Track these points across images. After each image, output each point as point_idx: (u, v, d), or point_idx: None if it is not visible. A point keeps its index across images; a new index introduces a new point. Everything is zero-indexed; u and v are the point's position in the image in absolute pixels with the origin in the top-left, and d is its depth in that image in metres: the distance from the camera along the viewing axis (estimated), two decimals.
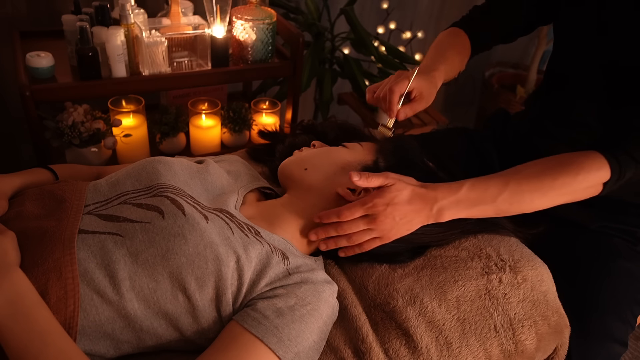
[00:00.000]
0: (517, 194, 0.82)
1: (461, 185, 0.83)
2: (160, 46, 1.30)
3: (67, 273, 0.64)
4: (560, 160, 0.83)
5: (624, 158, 0.81)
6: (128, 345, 0.68)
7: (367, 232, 0.80)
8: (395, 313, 0.79)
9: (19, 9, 1.51)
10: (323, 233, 0.81)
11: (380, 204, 0.78)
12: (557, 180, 0.81)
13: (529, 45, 2.64)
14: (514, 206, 0.83)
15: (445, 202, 0.82)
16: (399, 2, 2.17)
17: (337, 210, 0.80)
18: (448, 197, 0.82)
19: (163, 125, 1.47)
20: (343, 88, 2.22)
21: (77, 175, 0.92)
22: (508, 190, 0.82)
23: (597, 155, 0.81)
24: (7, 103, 1.63)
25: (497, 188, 0.82)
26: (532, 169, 0.84)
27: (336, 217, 0.79)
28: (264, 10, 1.44)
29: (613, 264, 0.94)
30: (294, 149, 0.99)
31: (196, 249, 0.68)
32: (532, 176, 0.83)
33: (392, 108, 0.88)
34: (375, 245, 0.82)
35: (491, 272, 0.85)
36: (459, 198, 0.82)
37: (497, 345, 0.80)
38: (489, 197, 0.82)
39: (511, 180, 0.82)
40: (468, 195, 0.82)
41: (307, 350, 0.68)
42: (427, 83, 0.91)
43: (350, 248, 0.82)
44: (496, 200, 0.82)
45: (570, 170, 0.81)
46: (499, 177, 0.84)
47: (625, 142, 0.82)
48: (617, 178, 0.81)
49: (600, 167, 0.80)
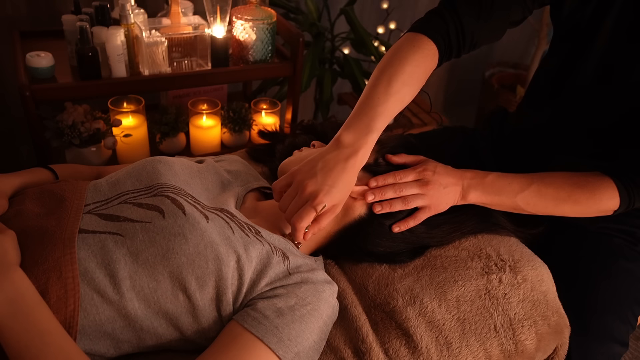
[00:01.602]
0: (536, 197, 0.87)
1: (488, 173, 0.89)
2: (160, 46, 1.30)
3: (67, 272, 0.64)
4: (578, 181, 0.87)
5: (634, 189, 0.85)
6: (128, 345, 0.68)
7: (420, 197, 0.84)
8: (395, 313, 0.79)
9: (19, 9, 1.51)
10: (380, 194, 0.82)
11: (429, 169, 0.86)
12: (572, 197, 0.86)
13: (529, 45, 2.65)
14: (529, 207, 0.88)
15: (472, 183, 0.88)
16: (399, 2, 2.18)
17: (391, 173, 0.84)
18: (475, 179, 0.88)
19: (163, 125, 1.47)
20: (343, 88, 2.22)
21: (77, 175, 0.92)
22: (529, 191, 0.87)
23: (611, 184, 0.85)
24: (7, 103, 1.63)
25: (519, 185, 0.87)
26: (553, 178, 0.88)
27: (392, 178, 0.83)
28: (264, 10, 1.44)
29: (613, 264, 0.94)
30: (293, 149, 0.99)
31: (196, 249, 0.68)
32: (552, 186, 0.87)
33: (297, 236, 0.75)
34: (426, 216, 0.85)
35: (491, 272, 0.85)
36: (484, 183, 0.88)
37: (497, 345, 0.80)
38: (511, 191, 0.87)
39: (534, 182, 0.87)
40: (493, 183, 0.88)
41: (307, 350, 0.68)
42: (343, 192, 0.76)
43: (405, 221, 0.84)
44: (516, 196, 0.87)
45: (584, 192, 0.86)
46: (523, 177, 0.89)
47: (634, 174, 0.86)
48: (626, 207, 0.87)
49: (611, 197, 0.85)
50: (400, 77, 0.81)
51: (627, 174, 0.86)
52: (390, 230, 0.84)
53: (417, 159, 0.89)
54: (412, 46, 0.85)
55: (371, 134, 0.77)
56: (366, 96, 0.81)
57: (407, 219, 0.84)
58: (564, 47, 0.97)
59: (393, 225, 0.84)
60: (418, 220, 0.84)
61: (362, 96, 0.82)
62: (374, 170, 0.86)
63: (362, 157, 0.77)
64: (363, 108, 0.79)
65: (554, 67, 1.00)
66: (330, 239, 0.86)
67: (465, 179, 0.88)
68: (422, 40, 0.86)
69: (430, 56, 0.86)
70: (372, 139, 0.77)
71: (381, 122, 0.78)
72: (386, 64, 0.83)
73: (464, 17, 0.87)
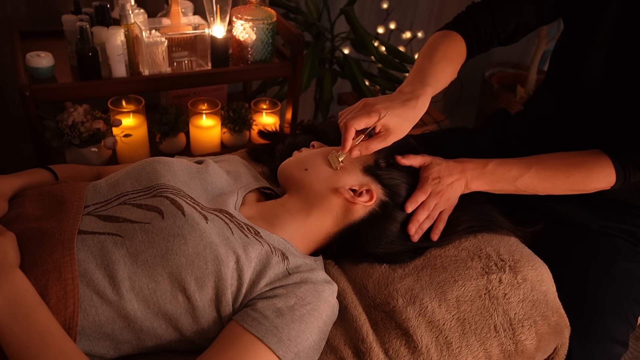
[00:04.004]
0: (535, 180, 0.91)
1: (488, 162, 0.93)
2: (160, 46, 1.30)
3: (66, 274, 0.64)
4: (576, 162, 0.91)
5: (630, 166, 0.89)
6: (128, 346, 0.68)
7: (438, 207, 0.89)
8: (395, 313, 0.79)
9: (19, 9, 1.51)
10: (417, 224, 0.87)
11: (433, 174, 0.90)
12: (569, 178, 0.90)
13: (529, 45, 2.64)
14: (529, 189, 0.92)
15: (474, 173, 0.91)
16: (399, 2, 2.17)
17: (413, 198, 0.87)
18: (476, 169, 0.92)
19: (163, 125, 1.47)
20: (343, 88, 2.22)
21: (77, 175, 0.92)
22: (528, 175, 0.91)
23: (607, 162, 0.89)
24: (7, 103, 1.63)
25: (519, 170, 0.91)
26: (551, 161, 0.92)
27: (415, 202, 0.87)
28: (264, 10, 1.44)
29: (613, 265, 0.94)
30: (293, 149, 0.99)
31: (196, 249, 0.68)
32: (550, 168, 0.91)
33: (345, 144, 0.81)
34: (446, 216, 0.90)
35: (491, 272, 0.85)
36: (485, 172, 0.91)
37: (497, 345, 0.80)
38: (510, 177, 0.91)
39: (533, 166, 0.91)
40: (493, 171, 0.92)
41: (307, 350, 0.68)
42: (398, 119, 0.81)
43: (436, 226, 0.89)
44: (516, 181, 0.91)
45: (581, 172, 0.90)
46: (523, 161, 0.92)
47: (632, 152, 0.89)
48: (622, 183, 0.90)
49: (608, 175, 0.89)
50: (437, 53, 0.95)
51: (625, 152, 0.89)
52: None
53: (423, 159, 0.92)
54: (441, 37, 1.00)
55: (427, 87, 0.87)
56: (414, 70, 0.93)
57: (437, 225, 0.89)
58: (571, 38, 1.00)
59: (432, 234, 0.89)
60: (444, 223, 0.90)
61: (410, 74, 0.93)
62: (374, 172, 0.86)
63: (422, 103, 0.85)
64: (414, 74, 0.91)
65: (560, 66, 1.02)
66: (330, 240, 0.86)
67: (468, 171, 0.91)
68: (448, 32, 1.01)
69: (458, 40, 1.00)
70: (428, 91, 0.86)
71: (432, 80, 0.89)
72: (423, 52, 0.98)
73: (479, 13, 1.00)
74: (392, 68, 1.77)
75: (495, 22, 0.99)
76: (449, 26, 1.02)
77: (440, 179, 0.89)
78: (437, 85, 0.91)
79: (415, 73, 0.91)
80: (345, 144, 0.80)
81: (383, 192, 0.85)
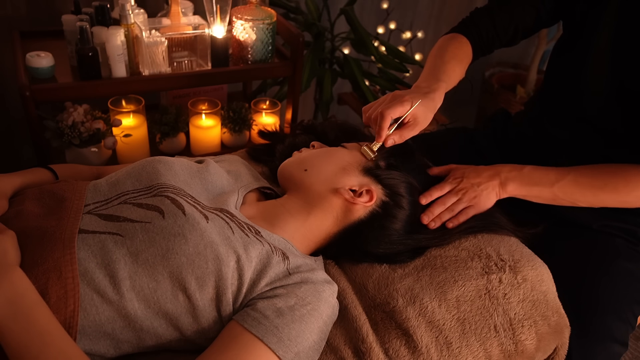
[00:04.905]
0: (573, 186, 0.90)
1: (524, 166, 0.93)
2: (160, 46, 1.30)
3: (67, 273, 0.64)
4: (614, 170, 0.91)
5: None
6: (128, 345, 0.68)
7: (460, 203, 0.91)
8: (395, 313, 0.79)
9: (19, 9, 1.51)
10: (430, 215, 0.89)
11: (457, 176, 0.93)
12: (608, 186, 0.90)
13: (529, 45, 2.64)
14: (567, 195, 0.91)
15: (510, 175, 0.92)
16: (399, 2, 2.17)
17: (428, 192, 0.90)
18: (513, 171, 0.92)
19: (163, 125, 1.47)
20: (343, 88, 2.22)
21: (77, 175, 0.92)
22: (566, 180, 0.90)
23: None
24: (7, 103, 1.63)
25: (556, 176, 0.91)
26: (589, 169, 0.92)
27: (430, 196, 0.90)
28: (264, 10, 1.44)
29: (614, 264, 0.94)
30: (293, 149, 0.99)
31: (196, 249, 0.68)
32: (588, 175, 0.91)
33: (380, 133, 0.84)
34: (472, 213, 0.91)
35: (491, 272, 0.85)
36: (522, 174, 0.92)
37: (497, 345, 0.80)
38: (547, 181, 0.91)
39: (570, 172, 0.91)
40: (531, 174, 0.92)
41: (307, 350, 0.68)
42: (423, 109, 0.87)
43: (455, 218, 0.90)
44: (554, 185, 0.90)
45: (619, 180, 0.89)
46: (559, 168, 0.92)
47: None
48: None
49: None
50: (447, 54, 1.00)
51: None
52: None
53: (447, 168, 0.97)
54: (449, 39, 1.05)
55: (441, 82, 0.92)
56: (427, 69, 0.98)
57: (457, 217, 0.91)
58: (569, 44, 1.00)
59: (447, 222, 0.90)
60: (467, 216, 0.91)
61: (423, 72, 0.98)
62: (374, 172, 0.86)
63: (439, 97, 0.90)
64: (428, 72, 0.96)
65: (558, 68, 1.02)
66: (330, 240, 0.86)
67: (503, 173, 0.92)
68: (456, 35, 1.06)
69: (464, 42, 1.05)
70: (442, 86, 0.92)
71: (445, 77, 0.94)
72: (433, 53, 1.02)
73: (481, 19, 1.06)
74: (392, 68, 1.77)
75: (495, 26, 1.05)
76: (455, 30, 1.08)
77: (464, 178, 0.92)
78: (449, 82, 0.96)
79: (428, 71, 0.97)
80: (381, 132, 0.84)
81: (383, 192, 0.85)
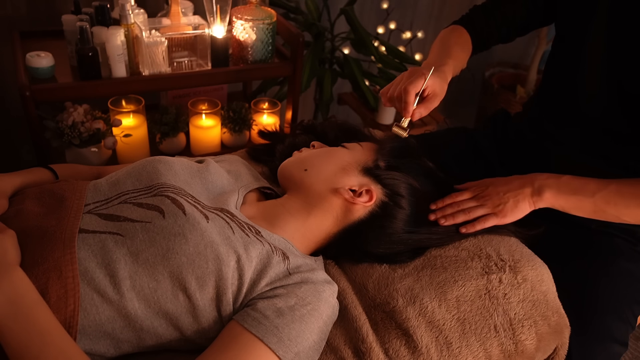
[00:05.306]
0: (617, 196, 0.85)
1: (561, 175, 0.88)
2: (160, 46, 1.30)
3: (67, 272, 0.64)
4: None
5: None
6: (128, 345, 0.68)
7: (480, 208, 0.88)
8: (395, 313, 0.79)
9: (19, 9, 1.51)
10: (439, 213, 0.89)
11: (483, 184, 0.92)
12: None
13: (529, 45, 2.65)
14: (610, 205, 0.85)
15: (547, 182, 0.87)
16: (399, 2, 2.17)
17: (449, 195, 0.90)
18: (550, 179, 0.88)
19: (163, 125, 1.47)
20: (343, 88, 2.22)
21: (77, 175, 0.92)
22: (608, 190, 0.85)
23: None
24: (7, 103, 1.63)
25: (596, 185, 0.86)
26: (632, 180, 0.87)
27: (449, 199, 0.89)
28: (264, 10, 1.44)
29: (613, 264, 0.94)
30: (293, 149, 0.99)
31: (197, 249, 0.68)
32: (631, 185, 0.86)
33: (407, 108, 0.85)
34: (493, 223, 0.88)
35: (491, 272, 0.85)
36: (560, 182, 0.87)
37: (497, 345, 0.80)
38: (588, 191, 0.86)
39: (612, 182, 0.86)
40: (570, 182, 0.87)
41: (307, 350, 0.68)
42: (439, 80, 0.89)
43: (471, 224, 0.88)
44: (594, 195, 0.85)
45: None
46: (598, 179, 0.87)
47: None
48: None
49: None
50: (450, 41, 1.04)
51: None
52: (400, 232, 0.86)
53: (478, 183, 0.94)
54: (451, 30, 1.10)
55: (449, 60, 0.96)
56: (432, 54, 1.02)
57: (474, 223, 0.88)
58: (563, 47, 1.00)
59: (461, 227, 0.88)
60: (484, 225, 0.88)
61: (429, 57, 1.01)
62: (373, 172, 0.86)
63: (449, 70, 0.93)
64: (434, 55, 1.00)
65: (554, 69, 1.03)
66: (330, 240, 0.86)
67: (537, 180, 0.88)
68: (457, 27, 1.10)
69: (465, 34, 1.08)
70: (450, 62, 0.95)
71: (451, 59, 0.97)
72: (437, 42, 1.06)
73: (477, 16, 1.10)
74: (392, 68, 1.77)
75: (489, 23, 1.08)
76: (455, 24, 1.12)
77: (490, 186, 0.91)
78: (455, 64, 0.98)
79: (434, 54, 1.01)
80: (408, 107, 0.85)
81: (383, 192, 0.85)
